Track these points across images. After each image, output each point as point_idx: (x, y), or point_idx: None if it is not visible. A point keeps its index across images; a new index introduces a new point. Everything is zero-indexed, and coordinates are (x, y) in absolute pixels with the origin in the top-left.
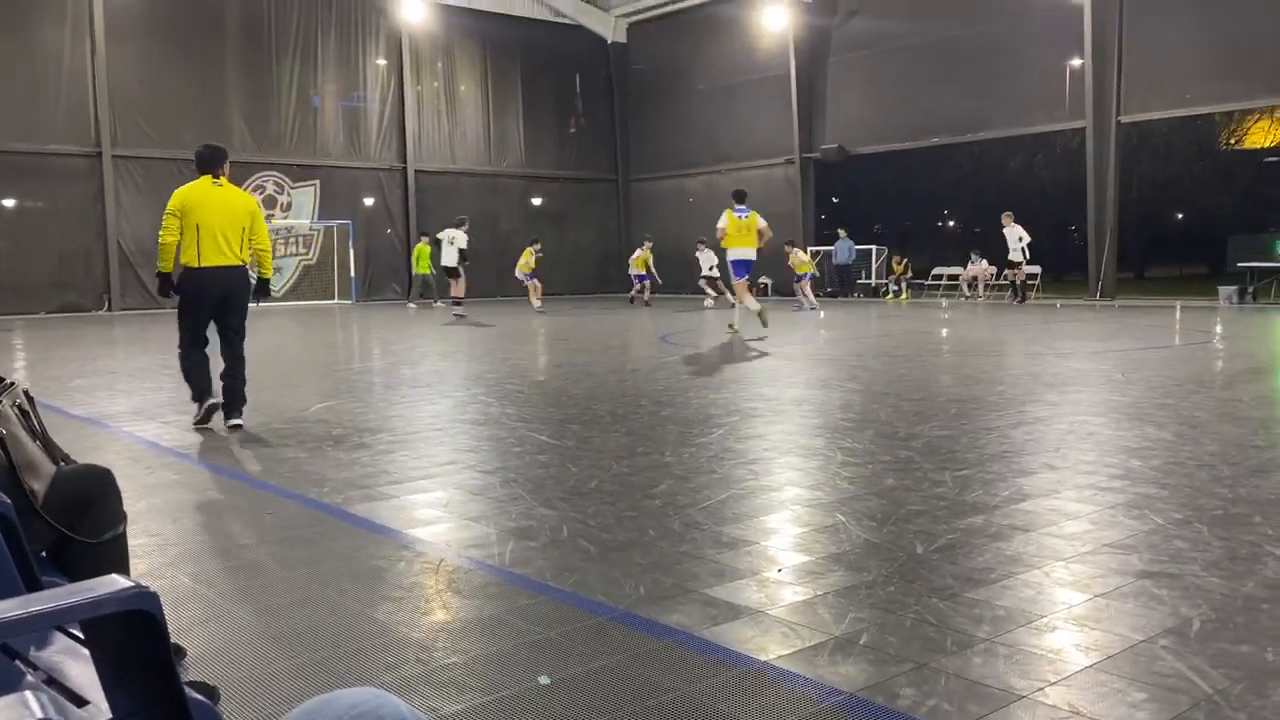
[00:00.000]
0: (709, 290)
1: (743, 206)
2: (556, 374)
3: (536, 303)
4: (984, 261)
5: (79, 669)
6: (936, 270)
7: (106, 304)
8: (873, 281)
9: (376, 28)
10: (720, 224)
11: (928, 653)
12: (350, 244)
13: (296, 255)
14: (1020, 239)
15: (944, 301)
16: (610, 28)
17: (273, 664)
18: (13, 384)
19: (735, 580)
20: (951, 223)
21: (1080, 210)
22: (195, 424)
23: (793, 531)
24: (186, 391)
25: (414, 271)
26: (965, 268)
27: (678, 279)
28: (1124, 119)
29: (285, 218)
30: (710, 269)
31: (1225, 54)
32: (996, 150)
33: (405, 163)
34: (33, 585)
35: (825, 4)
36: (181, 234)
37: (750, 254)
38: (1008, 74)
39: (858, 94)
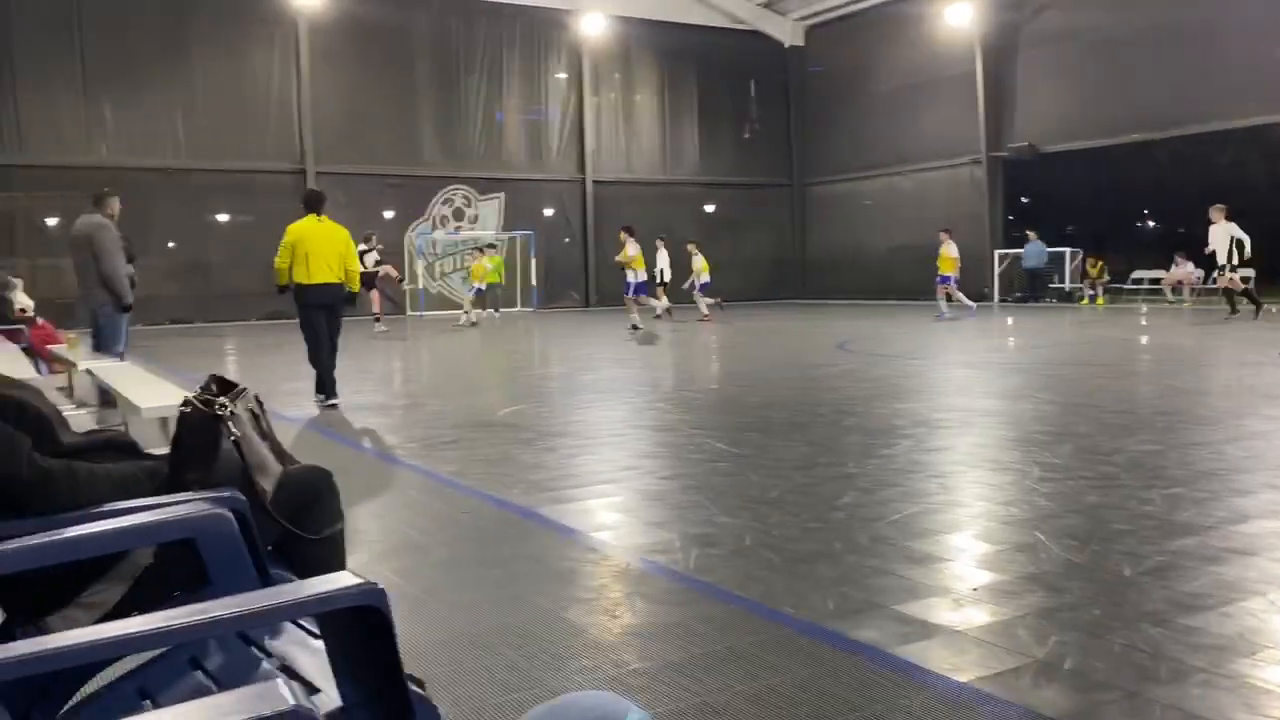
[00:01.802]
0: (660, 297)
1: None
2: (731, 381)
3: (475, 314)
4: (1190, 265)
5: (308, 659)
6: (1136, 274)
7: None
8: (1066, 286)
9: (558, 42)
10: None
11: (1140, 681)
12: (531, 254)
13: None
14: (1234, 240)
15: (1144, 307)
16: (788, 32)
17: (474, 660)
18: (245, 389)
19: (927, 598)
20: (1151, 223)
21: None
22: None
23: (986, 549)
24: (386, 393)
25: (484, 284)
26: (1169, 271)
27: (856, 283)
28: None
29: (472, 229)
30: (662, 270)
31: None
32: (1202, 146)
33: (584, 174)
34: (264, 578)
35: None
36: (294, 258)
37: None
38: (1215, 63)
39: (1049, 90)
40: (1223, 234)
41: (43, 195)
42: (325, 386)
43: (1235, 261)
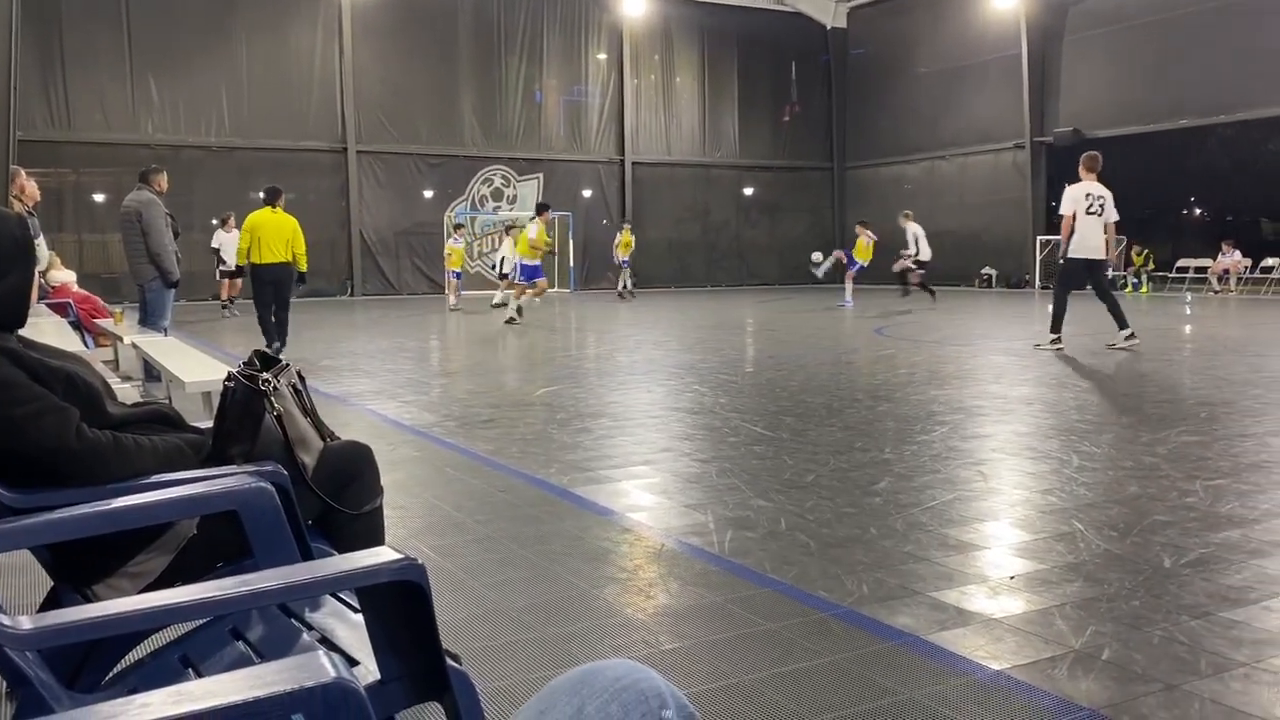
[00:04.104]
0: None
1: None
2: (768, 365)
3: (453, 299)
4: (1237, 253)
5: (347, 631)
6: (1181, 262)
7: (349, 290)
8: (1110, 273)
9: (599, 23)
10: (533, 234)
11: (1179, 674)
12: (570, 235)
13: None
14: (916, 238)
15: (1189, 295)
16: (830, 13)
17: (510, 636)
18: (288, 365)
19: (964, 585)
20: (1198, 211)
21: None
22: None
23: (1024, 538)
24: (424, 371)
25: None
26: (1215, 260)
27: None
28: None
29: (511, 210)
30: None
31: None
32: (1254, 132)
33: (623, 155)
34: (304, 551)
35: None
36: (251, 243)
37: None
38: (1265, 47)
39: (1096, 74)
40: (912, 232)
41: (90, 172)
42: (270, 339)
43: (916, 253)
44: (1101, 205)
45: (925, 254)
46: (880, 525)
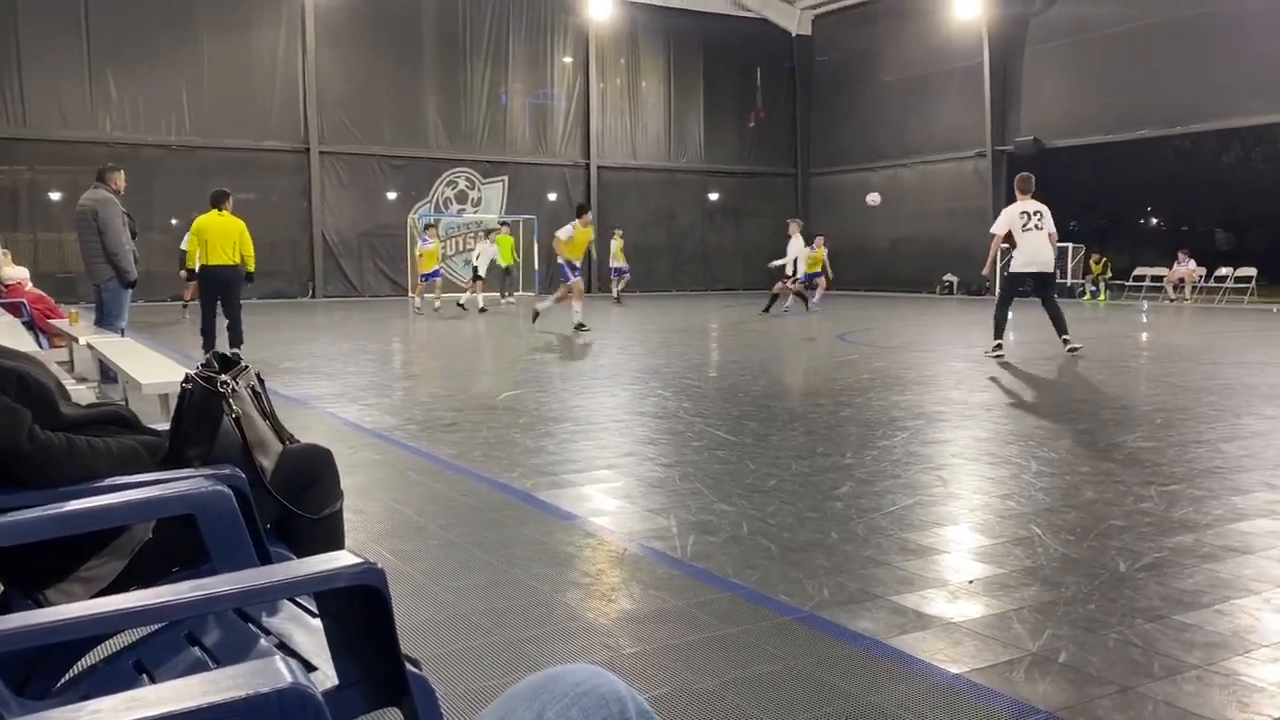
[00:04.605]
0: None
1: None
2: (732, 369)
3: (419, 301)
4: (1192, 262)
5: (305, 636)
6: (1138, 270)
7: (311, 291)
8: (1068, 281)
9: (564, 26)
10: (566, 234)
11: (1134, 676)
12: (535, 238)
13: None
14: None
15: (1145, 304)
16: (795, 20)
17: (470, 641)
18: (246, 366)
19: (923, 589)
20: (1155, 221)
21: None
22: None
23: (983, 542)
24: (386, 375)
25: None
26: (1171, 268)
27: (859, 274)
28: None
29: (475, 213)
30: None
31: None
32: (1207, 143)
33: (589, 159)
34: (263, 555)
35: None
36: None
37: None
38: (1222, 62)
39: (1056, 85)
40: (795, 247)
41: (46, 170)
42: (210, 342)
43: (794, 273)
44: (1040, 219)
45: (799, 272)
46: (841, 530)
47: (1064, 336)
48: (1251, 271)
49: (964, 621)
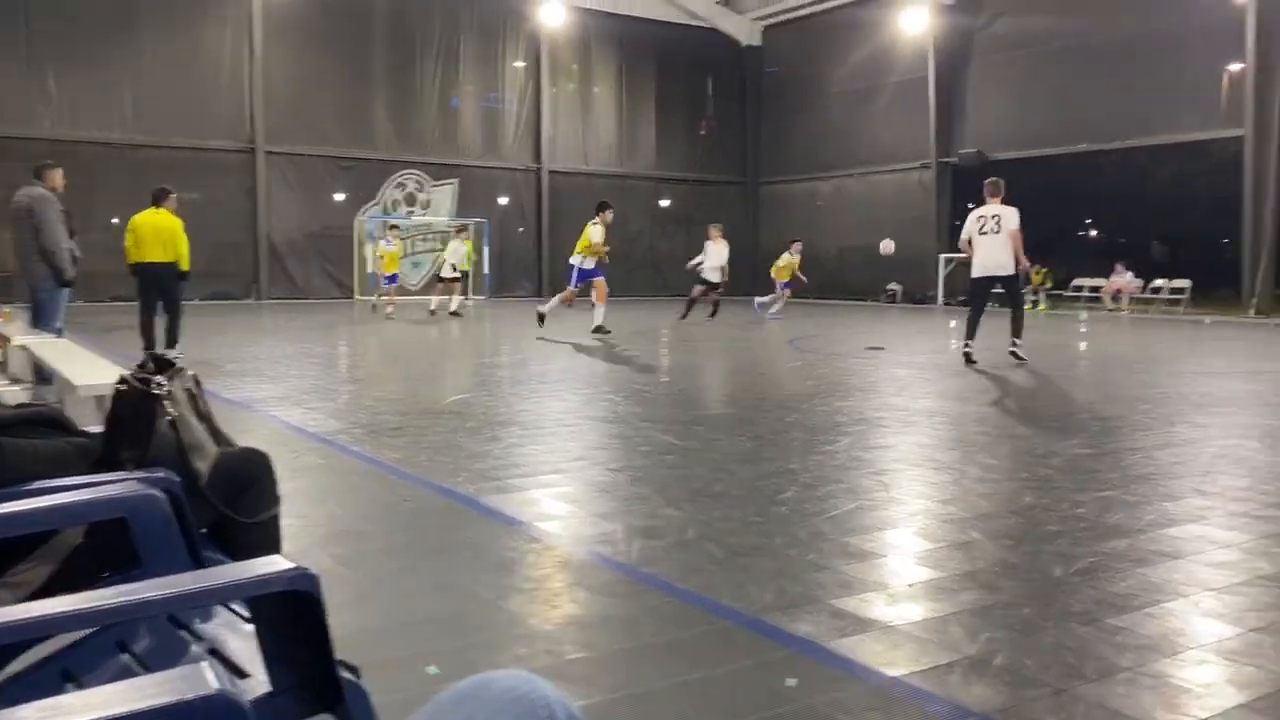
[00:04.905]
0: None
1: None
2: (681, 375)
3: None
4: (1129, 274)
5: (238, 642)
6: (1077, 281)
7: (255, 293)
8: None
9: (516, 31)
10: (596, 237)
11: (1066, 679)
12: (485, 242)
13: (434, 252)
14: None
15: (1084, 314)
16: (745, 30)
17: (411, 648)
18: (183, 368)
19: (864, 593)
20: (1094, 233)
21: (1235, 223)
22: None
23: (923, 546)
24: (331, 378)
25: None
26: (1108, 279)
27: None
28: None
29: (424, 215)
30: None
31: None
32: (1145, 158)
33: (539, 163)
34: (197, 561)
35: (968, 6)
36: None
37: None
38: (1160, 78)
39: (1000, 98)
40: (717, 251)
41: None
42: (149, 341)
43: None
44: (997, 223)
45: (713, 278)
46: (785, 534)
47: (1016, 340)
48: (1186, 284)
49: (903, 625)
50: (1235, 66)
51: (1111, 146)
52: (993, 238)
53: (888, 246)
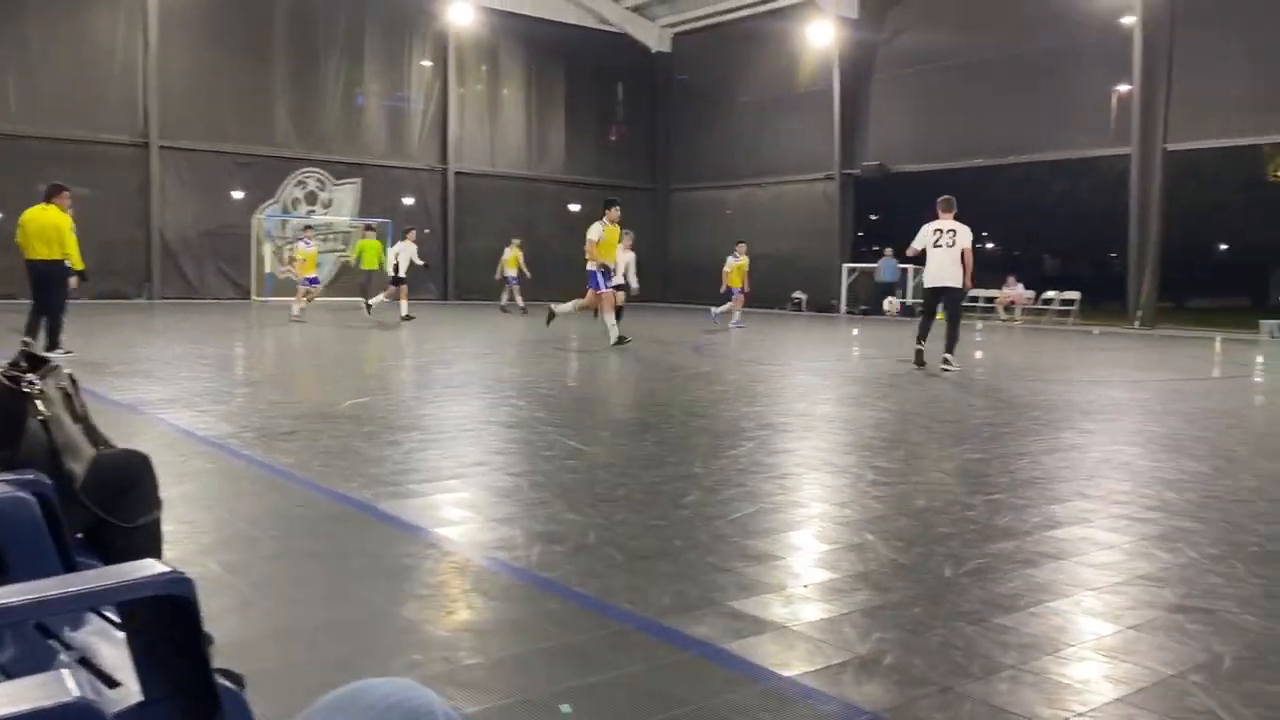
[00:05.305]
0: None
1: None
2: (588, 380)
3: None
4: (1020, 286)
5: (111, 651)
6: (973, 292)
7: (147, 292)
8: (909, 300)
9: (424, 30)
10: (597, 233)
11: (953, 677)
12: (388, 243)
13: (335, 252)
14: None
15: (979, 324)
16: (655, 37)
17: (299, 656)
18: (57, 366)
19: (761, 594)
20: (990, 245)
21: (1122, 237)
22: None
23: (820, 548)
24: (225, 380)
25: (359, 267)
26: (1001, 290)
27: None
28: (1170, 146)
29: (325, 214)
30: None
31: (1276, 85)
32: (1039, 173)
33: (446, 164)
34: (69, 567)
35: (872, 20)
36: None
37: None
38: (1054, 97)
39: (901, 112)
40: (405, 251)
41: None
42: (32, 333)
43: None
44: (952, 237)
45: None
46: (686, 537)
47: (947, 355)
48: (1075, 295)
49: (798, 626)
50: (1123, 87)
51: (1006, 162)
52: (947, 251)
53: (891, 306)
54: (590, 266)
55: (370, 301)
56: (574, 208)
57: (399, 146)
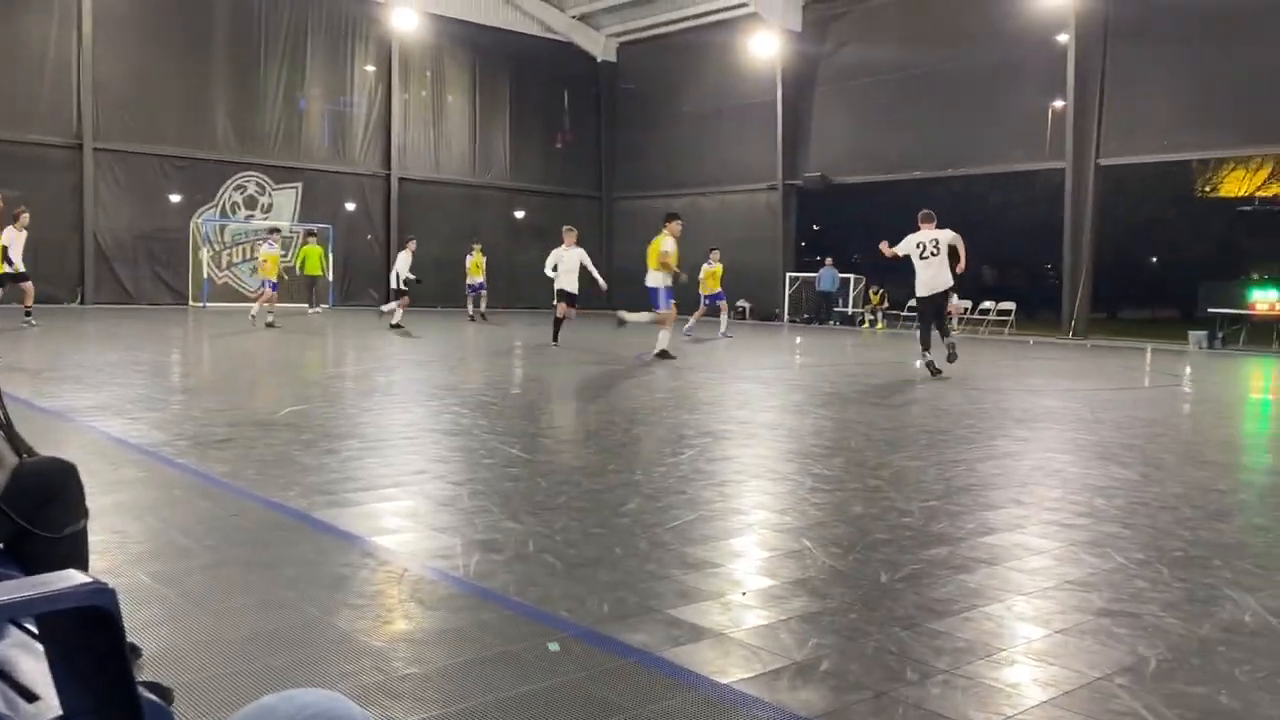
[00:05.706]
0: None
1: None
2: (530, 388)
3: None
4: (955, 296)
5: (30, 664)
6: (912, 301)
7: (80, 297)
8: (849, 310)
9: (367, 34)
10: (669, 246)
11: (887, 681)
12: (329, 248)
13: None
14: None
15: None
16: (600, 46)
17: (229, 667)
18: None
19: (699, 601)
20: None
21: (1056, 249)
22: None
23: (759, 555)
24: (159, 387)
25: (303, 273)
26: None
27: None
28: (1103, 161)
29: (265, 219)
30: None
31: (1205, 103)
32: (977, 186)
33: (389, 169)
34: None
35: (815, 33)
36: None
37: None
38: (991, 112)
39: (842, 124)
40: (402, 262)
41: None
42: None
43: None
44: (936, 246)
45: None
46: (625, 545)
47: (924, 357)
48: (1011, 306)
49: (736, 633)
50: (1058, 103)
51: (945, 174)
52: (932, 259)
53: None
54: (661, 283)
55: (395, 322)
56: (519, 215)
57: (341, 151)
